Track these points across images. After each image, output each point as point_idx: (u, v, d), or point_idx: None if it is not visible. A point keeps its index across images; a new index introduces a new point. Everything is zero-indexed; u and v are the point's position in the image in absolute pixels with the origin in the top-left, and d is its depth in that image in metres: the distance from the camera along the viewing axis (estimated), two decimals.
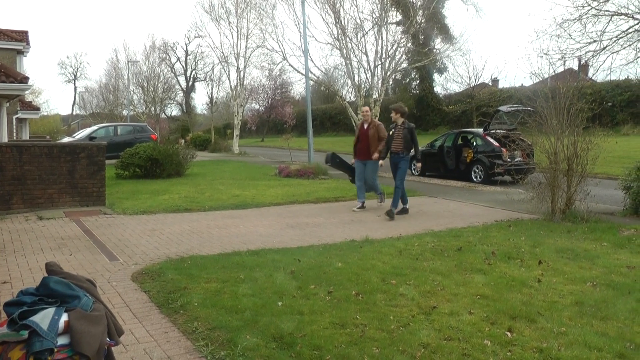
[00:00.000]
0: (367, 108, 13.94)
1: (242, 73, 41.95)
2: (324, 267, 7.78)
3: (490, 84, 51.43)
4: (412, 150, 13.22)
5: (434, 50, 34.22)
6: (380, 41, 26.31)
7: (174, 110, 73.54)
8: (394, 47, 26.80)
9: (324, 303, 6.23)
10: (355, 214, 12.81)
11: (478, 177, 20.34)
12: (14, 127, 32.41)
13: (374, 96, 26.87)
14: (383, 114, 34.63)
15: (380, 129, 13.43)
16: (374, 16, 26.94)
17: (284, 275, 7.36)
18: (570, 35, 16.07)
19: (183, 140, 45.34)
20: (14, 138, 30.14)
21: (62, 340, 3.84)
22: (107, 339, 4.09)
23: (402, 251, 8.76)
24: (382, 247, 9.05)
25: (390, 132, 13.11)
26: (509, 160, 19.20)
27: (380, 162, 13.31)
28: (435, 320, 5.70)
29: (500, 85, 51.39)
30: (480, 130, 21.45)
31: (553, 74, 15.70)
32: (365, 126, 13.58)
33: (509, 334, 5.37)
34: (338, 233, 10.60)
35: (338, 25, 26.47)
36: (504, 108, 21.44)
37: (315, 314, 5.87)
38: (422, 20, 30.43)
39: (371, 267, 7.79)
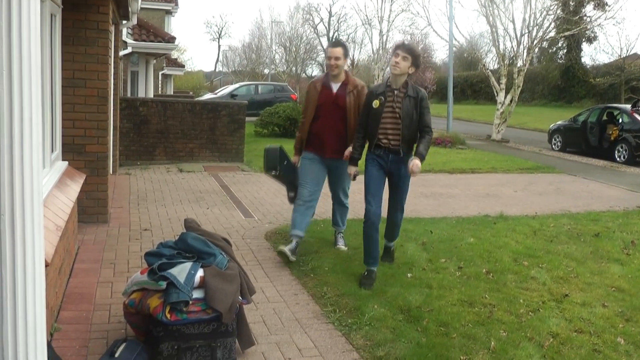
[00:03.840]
0: (338, 50, 6.56)
1: (384, 37, 41.54)
2: (456, 241, 7.65)
3: None
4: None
5: (585, 18, 32.37)
6: (528, 8, 25.24)
7: (314, 71, 73.94)
8: (543, 15, 25.65)
9: (454, 278, 6.14)
10: (492, 187, 12.42)
11: (622, 156, 19.17)
12: (160, 82, 33.87)
13: (519, 64, 25.91)
14: (526, 84, 33.37)
15: (362, 95, 6.52)
16: None
17: (415, 245, 7.31)
18: None
19: None
20: (159, 93, 31.54)
21: (196, 294, 4.02)
22: (240, 297, 4.22)
23: (537, 231, 8.44)
24: (516, 225, 8.75)
25: (375, 104, 6.08)
26: None
27: (354, 169, 6.34)
28: (566, 310, 5.45)
29: None
30: (628, 106, 20.30)
31: None
32: (335, 88, 6.65)
33: None
34: (472, 206, 10.37)
35: None
36: None
37: (444, 289, 5.80)
38: None
39: (504, 245, 7.58)
